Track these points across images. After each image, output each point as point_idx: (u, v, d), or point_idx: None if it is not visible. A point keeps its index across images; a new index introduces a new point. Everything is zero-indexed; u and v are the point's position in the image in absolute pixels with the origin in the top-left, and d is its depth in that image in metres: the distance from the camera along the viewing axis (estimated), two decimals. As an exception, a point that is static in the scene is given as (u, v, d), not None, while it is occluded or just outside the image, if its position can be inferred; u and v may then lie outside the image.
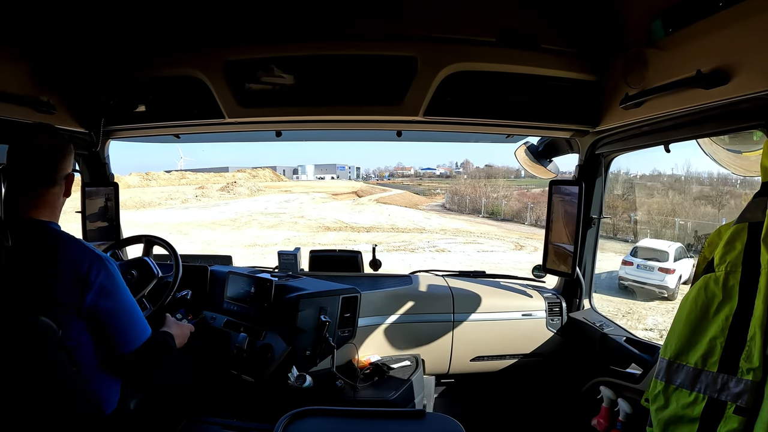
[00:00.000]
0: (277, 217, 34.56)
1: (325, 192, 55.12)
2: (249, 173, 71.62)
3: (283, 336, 2.76)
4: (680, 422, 1.73)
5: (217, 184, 56.82)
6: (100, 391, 1.85)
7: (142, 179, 62.81)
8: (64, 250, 1.76)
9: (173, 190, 53.59)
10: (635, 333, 3.03)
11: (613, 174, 30.89)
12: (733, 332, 1.61)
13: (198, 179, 65.14)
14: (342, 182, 68.61)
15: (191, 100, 2.73)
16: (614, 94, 2.52)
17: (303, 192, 55.25)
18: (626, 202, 25.69)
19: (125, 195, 48.73)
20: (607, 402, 2.72)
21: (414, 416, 1.92)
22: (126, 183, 61.27)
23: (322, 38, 2.55)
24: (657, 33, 2.08)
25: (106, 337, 1.81)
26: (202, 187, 54.72)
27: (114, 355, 1.84)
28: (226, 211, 37.31)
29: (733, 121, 1.99)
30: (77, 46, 2.60)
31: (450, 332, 3.31)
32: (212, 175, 68.38)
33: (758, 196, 1.63)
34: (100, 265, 1.79)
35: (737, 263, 1.63)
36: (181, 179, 65.29)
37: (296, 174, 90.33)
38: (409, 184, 70.98)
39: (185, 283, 3.00)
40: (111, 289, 1.79)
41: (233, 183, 54.91)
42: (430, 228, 30.20)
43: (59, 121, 2.66)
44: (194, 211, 37.70)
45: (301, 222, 32.37)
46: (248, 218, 33.75)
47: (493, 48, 2.57)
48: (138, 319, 1.90)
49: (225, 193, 50.58)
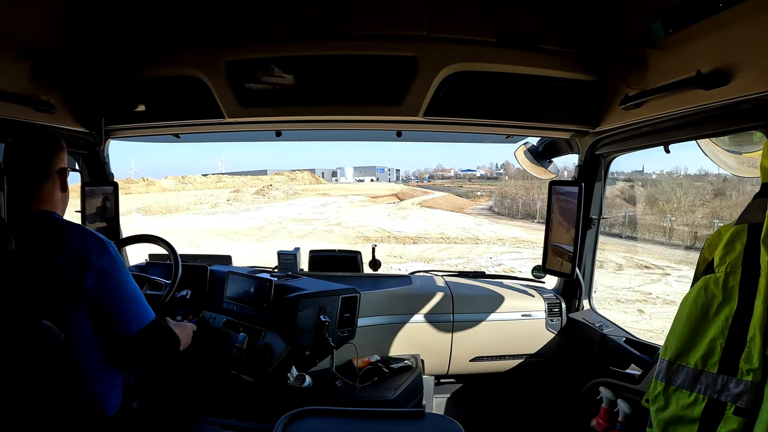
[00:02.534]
0: (309, 225, 31.64)
1: (364, 195, 53.32)
2: (287, 176, 71.20)
3: (282, 336, 2.75)
4: (680, 423, 1.73)
5: (253, 187, 56.41)
6: (102, 393, 1.84)
7: (178, 182, 62.95)
8: (65, 234, 1.79)
9: (207, 193, 52.63)
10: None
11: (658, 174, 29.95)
12: (733, 333, 1.61)
13: (235, 182, 64.92)
14: (381, 184, 67.66)
15: (191, 100, 2.73)
16: (614, 95, 2.52)
17: (341, 195, 53.42)
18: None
19: (154, 199, 47.63)
20: (606, 403, 2.72)
21: (413, 416, 1.92)
22: (161, 186, 61.26)
23: (322, 38, 2.55)
24: (657, 33, 2.08)
25: (108, 321, 1.80)
26: (237, 190, 54.04)
27: (117, 339, 1.83)
28: (256, 218, 35.11)
29: (733, 122, 1.99)
30: (77, 45, 2.59)
31: (449, 332, 3.31)
32: (250, 178, 68.14)
33: (758, 197, 1.63)
34: (101, 248, 1.80)
35: (737, 264, 1.63)
36: (218, 182, 65.30)
37: (335, 176, 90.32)
38: (450, 186, 70.46)
39: (185, 283, 3.00)
40: (112, 271, 1.80)
41: (269, 186, 54.18)
42: (485, 237, 27.03)
43: (59, 120, 2.66)
44: (221, 217, 35.80)
45: (336, 230, 29.10)
46: (277, 226, 31.03)
47: (493, 48, 2.57)
48: (140, 301, 1.89)
49: (259, 197, 49.60)
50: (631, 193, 36.37)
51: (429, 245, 24.15)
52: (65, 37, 2.52)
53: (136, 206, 42.33)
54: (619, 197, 34.38)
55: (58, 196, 1.94)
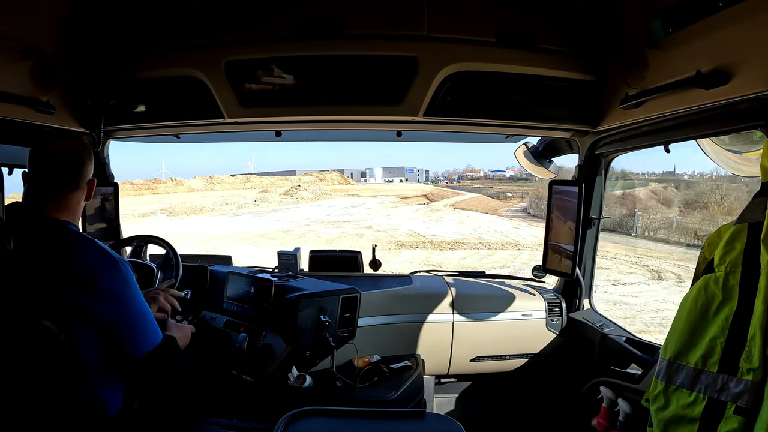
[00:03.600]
0: (339, 227, 29.75)
1: (394, 195, 51.88)
2: (316, 176, 70.77)
3: (283, 336, 2.75)
4: (680, 422, 1.73)
5: (281, 187, 56.03)
6: (104, 395, 1.82)
7: (206, 183, 62.94)
8: (77, 248, 1.76)
9: (234, 194, 51.80)
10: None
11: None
12: (733, 332, 1.61)
13: (263, 183, 64.67)
14: (411, 185, 66.64)
15: (191, 100, 2.72)
16: (614, 95, 2.52)
17: (371, 195, 52.18)
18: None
19: (179, 199, 46.90)
20: (607, 402, 2.72)
21: (414, 416, 1.92)
22: (189, 186, 61.31)
23: (322, 38, 2.55)
24: (657, 33, 2.08)
25: (115, 343, 1.78)
26: (264, 190, 53.61)
27: (123, 361, 1.81)
28: (283, 219, 33.56)
29: (733, 122, 1.99)
30: (77, 46, 2.59)
31: (450, 332, 3.31)
32: (278, 179, 67.82)
33: (758, 197, 1.64)
34: (113, 267, 1.77)
35: (737, 263, 1.63)
36: (246, 183, 65.12)
37: (364, 177, 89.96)
38: (480, 186, 69.40)
39: (185, 283, 3.00)
40: (122, 293, 1.77)
41: (297, 187, 53.61)
42: (526, 241, 24.93)
43: (59, 121, 2.66)
44: (247, 219, 34.49)
45: (367, 234, 26.80)
46: (305, 228, 29.29)
47: (493, 48, 2.57)
48: (149, 323, 1.87)
49: (287, 197, 48.95)
50: (666, 195, 35.46)
51: (468, 251, 22.31)
52: (65, 37, 2.52)
53: (161, 207, 41.68)
54: (655, 199, 33.76)
55: (81, 205, 1.94)
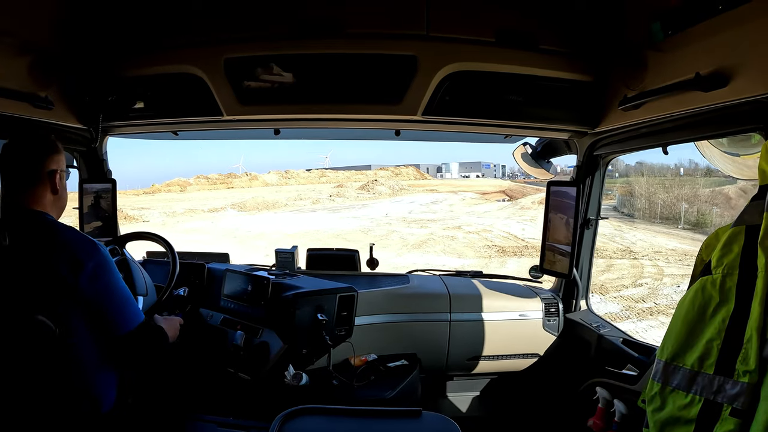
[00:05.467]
0: (424, 227, 26.57)
1: (473, 191, 49.83)
2: (392, 171, 70.01)
3: (279, 334, 2.75)
4: (676, 424, 1.73)
5: (357, 182, 55.53)
6: (97, 389, 1.86)
7: (281, 177, 63.08)
8: (58, 236, 1.83)
9: (308, 189, 50.93)
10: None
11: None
12: (730, 334, 1.62)
13: (338, 177, 64.65)
14: (487, 180, 64.86)
15: (190, 98, 2.72)
16: (613, 96, 2.52)
17: (450, 191, 50.31)
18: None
19: (252, 194, 45.94)
20: (603, 403, 2.73)
21: (410, 415, 1.92)
22: (264, 181, 61.61)
23: (321, 36, 2.54)
24: (656, 35, 2.08)
25: (100, 321, 1.84)
26: (340, 185, 53.05)
27: (109, 339, 1.86)
28: (360, 216, 31.43)
29: (732, 124, 2.00)
30: (76, 42, 2.59)
31: (447, 332, 3.31)
32: (353, 173, 67.18)
33: (756, 199, 1.64)
34: (92, 249, 1.85)
35: (734, 266, 1.64)
36: (321, 177, 64.95)
37: (440, 172, 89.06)
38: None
39: (182, 281, 3.00)
40: (103, 272, 1.84)
41: (373, 181, 52.82)
42: (638, 248, 20.87)
43: (57, 117, 2.66)
44: (321, 216, 32.66)
45: (459, 236, 23.49)
46: (386, 228, 26.18)
47: (493, 48, 2.57)
48: (131, 302, 1.94)
49: (364, 192, 48.20)
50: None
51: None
52: (64, 33, 2.52)
53: (232, 201, 41.11)
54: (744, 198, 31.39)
55: (50, 199, 1.96)
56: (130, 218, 32.43)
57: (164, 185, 59.78)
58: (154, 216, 34.67)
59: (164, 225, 29.84)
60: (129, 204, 41.25)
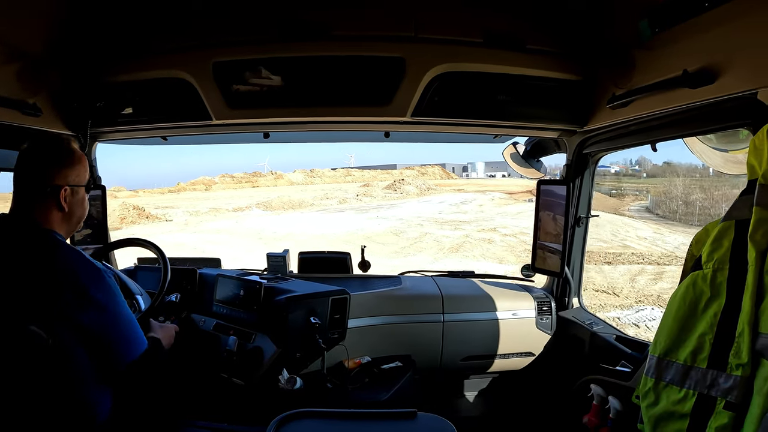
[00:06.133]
0: (458, 229, 24.72)
1: (501, 191, 47.72)
2: (417, 170, 69.00)
3: (273, 338, 2.74)
4: (671, 419, 1.75)
5: (383, 181, 54.66)
6: (93, 400, 1.80)
7: (307, 176, 62.68)
8: (61, 260, 1.72)
9: (334, 188, 50.21)
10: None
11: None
12: (722, 329, 1.63)
13: (364, 177, 63.87)
14: (513, 180, 62.28)
15: (178, 102, 2.71)
16: (601, 94, 2.54)
17: (477, 191, 48.81)
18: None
19: (277, 193, 45.01)
20: (597, 400, 2.73)
21: (405, 417, 1.92)
22: (290, 180, 61.15)
23: (309, 39, 2.54)
24: (644, 33, 2.10)
25: (101, 352, 1.77)
26: (366, 184, 52.32)
27: (112, 370, 1.80)
28: (389, 217, 29.49)
29: (720, 120, 2.02)
30: (64, 48, 2.57)
31: (440, 332, 3.31)
32: (379, 173, 66.62)
33: (745, 194, 1.65)
34: (99, 279, 1.75)
35: (725, 260, 1.66)
36: (346, 176, 64.32)
37: (465, 171, 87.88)
38: None
39: (174, 287, 2.98)
40: (107, 303, 1.75)
41: (400, 180, 51.82)
42: (682, 253, 11.30)
43: (46, 123, 2.64)
44: (349, 216, 31.01)
45: (496, 239, 21.43)
46: (418, 230, 24.35)
47: (481, 48, 2.58)
48: (135, 332, 1.85)
49: (391, 191, 47.15)
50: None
51: (627, 267, 16.35)
52: (52, 39, 2.50)
53: (258, 201, 40.29)
54: None
55: (57, 216, 1.82)
56: (152, 217, 31.84)
57: (189, 184, 59.30)
58: (177, 215, 33.99)
59: (187, 224, 29.10)
60: (153, 203, 40.56)
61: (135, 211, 32.29)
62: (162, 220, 31.60)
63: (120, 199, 39.81)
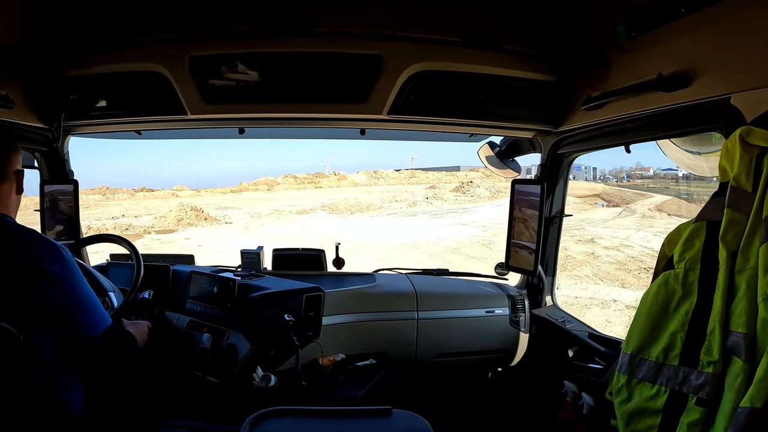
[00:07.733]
0: None
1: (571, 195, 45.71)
2: (482, 172, 67.99)
3: (247, 336, 2.72)
4: (643, 415, 1.78)
5: (448, 183, 53.31)
6: (65, 395, 1.79)
7: (370, 177, 61.26)
8: (16, 240, 1.73)
9: (400, 189, 49.04)
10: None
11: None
12: (693, 327, 1.67)
13: (428, 178, 62.59)
14: (580, 183, 61.35)
15: (153, 96, 2.66)
16: (577, 96, 2.57)
17: None
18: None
19: (342, 195, 43.48)
20: (571, 396, 2.77)
21: (380, 414, 1.92)
22: (353, 181, 59.72)
23: (287, 35, 2.52)
24: (620, 36, 2.13)
25: (64, 328, 1.75)
26: (433, 186, 50.97)
27: (75, 346, 1.78)
28: (469, 223, 27.50)
29: (693, 124, 2.05)
30: (37, 38, 2.51)
31: (414, 330, 3.32)
32: (443, 174, 65.27)
33: (716, 196, 1.69)
34: (56, 254, 1.75)
35: (696, 260, 1.69)
36: (411, 178, 63.00)
37: (529, 174, 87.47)
38: (653, 186, 59.55)
39: (147, 284, 2.94)
40: (66, 278, 1.75)
41: (468, 183, 49.66)
42: None
43: (18, 116, 2.57)
44: (422, 221, 29.15)
45: (599, 253, 19.43)
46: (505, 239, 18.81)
47: (458, 48, 2.59)
48: (96, 307, 1.85)
49: (460, 194, 45.58)
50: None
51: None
52: (25, 30, 2.44)
53: (322, 202, 38.86)
54: None
55: (15, 199, 1.89)
56: (211, 219, 30.54)
57: (251, 184, 57.90)
58: (238, 217, 32.49)
59: (247, 228, 28.01)
60: (214, 203, 39.30)
61: (193, 212, 30.84)
62: (221, 222, 30.43)
63: (180, 199, 38.77)
